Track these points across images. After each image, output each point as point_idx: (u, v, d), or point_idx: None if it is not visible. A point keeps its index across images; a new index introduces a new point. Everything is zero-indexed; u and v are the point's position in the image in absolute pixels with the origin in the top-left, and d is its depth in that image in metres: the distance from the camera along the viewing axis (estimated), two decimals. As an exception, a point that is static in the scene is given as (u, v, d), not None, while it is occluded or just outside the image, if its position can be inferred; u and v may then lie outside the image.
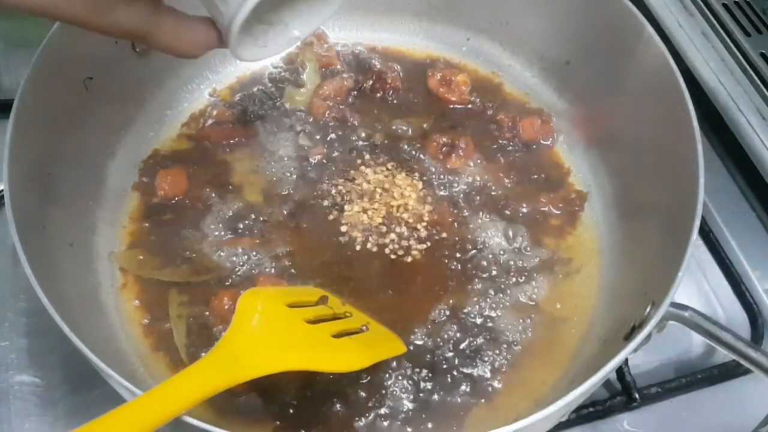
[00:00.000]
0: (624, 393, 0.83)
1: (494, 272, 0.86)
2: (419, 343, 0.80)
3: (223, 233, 0.88)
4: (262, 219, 0.89)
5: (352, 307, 0.79)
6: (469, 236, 0.89)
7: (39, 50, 0.77)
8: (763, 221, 1.00)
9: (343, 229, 0.89)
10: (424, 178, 0.93)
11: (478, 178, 0.94)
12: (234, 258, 0.85)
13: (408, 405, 0.77)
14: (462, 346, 0.80)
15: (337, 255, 0.87)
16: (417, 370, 0.78)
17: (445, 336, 0.81)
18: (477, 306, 0.83)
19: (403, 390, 0.77)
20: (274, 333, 0.67)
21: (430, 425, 0.76)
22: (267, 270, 0.85)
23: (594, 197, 0.94)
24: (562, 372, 0.80)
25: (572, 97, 1.00)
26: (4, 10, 0.51)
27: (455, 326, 0.81)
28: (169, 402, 0.57)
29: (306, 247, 0.87)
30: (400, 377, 0.78)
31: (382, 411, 0.76)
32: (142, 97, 0.95)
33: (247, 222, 0.88)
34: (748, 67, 1.05)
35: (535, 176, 0.95)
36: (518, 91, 1.04)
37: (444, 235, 0.89)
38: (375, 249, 0.87)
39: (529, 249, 0.88)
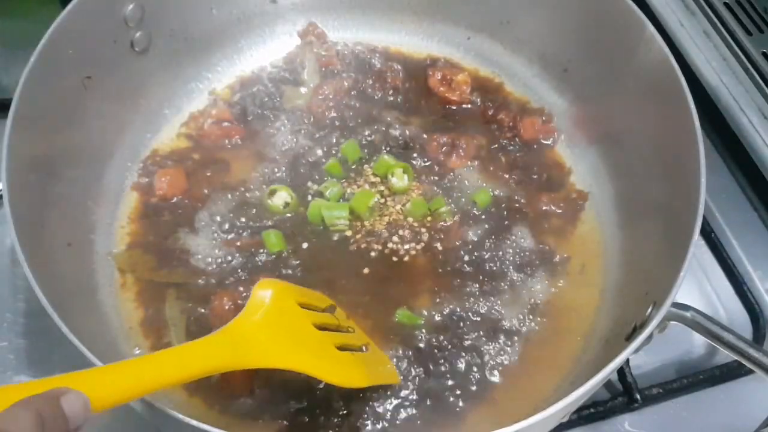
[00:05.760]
0: (625, 394, 0.83)
1: (495, 272, 0.85)
2: (420, 343, 0.80)
3: (222, 233, 0.87)
4: (261, 219, 0.88)
5: (354, 323, 0.78)
6: (470, 236, 0.88)
7: (38, 50, 0.77)
8: (765, 221, 1.00)
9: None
10: (425, 178, 0.93)
11: (479, 178, 0.94)
12: (233, 258, 0.85)
13: (409, 405, 0.76)
14: (463, 346, 0.80)
15: (337, 255, 0.86)
16: (418, 370, 0.78)
17: (447, 336, 0.80)
18: (478, 306, 0.83)
19: (405, 391, 0.77)
20: (283, 328, 0.67)
21: (431, 426, 0.76)
22: (266, 270, 0.84)
23: (595, 197, 0.93)
24: (563, 372, 0.80)
25: (573, 97, 1.00)
26: None
27: (456, 326, 0.81)
28: (167, 369, 0.56)
29: (306, 247, 0.87)
30: (401, 378, 0.77)
31: (384, 411, 0.76)
32: (141, 96, 0.95)
33: (246, 222, 0.88)
34: (749, 66, 1.04)
35: (536, 176, 0.95)
36: (519, 90, 1.04)
37: (444, 235, 0.88)
38: (376, 249, 0.87)
39: (530, 249, 0.88)
